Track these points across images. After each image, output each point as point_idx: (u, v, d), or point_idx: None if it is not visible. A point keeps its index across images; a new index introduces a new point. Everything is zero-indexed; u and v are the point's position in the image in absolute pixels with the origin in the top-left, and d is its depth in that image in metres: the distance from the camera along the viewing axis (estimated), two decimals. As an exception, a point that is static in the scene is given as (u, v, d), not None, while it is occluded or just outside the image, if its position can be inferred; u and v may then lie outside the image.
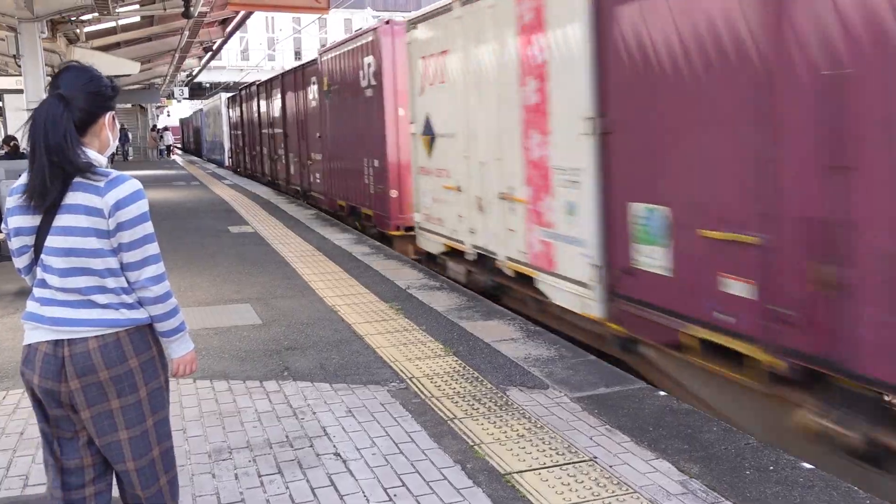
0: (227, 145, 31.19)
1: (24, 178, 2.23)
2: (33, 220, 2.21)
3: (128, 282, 2.26)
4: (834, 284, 3.59)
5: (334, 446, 3.73)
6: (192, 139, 51.66)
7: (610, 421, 3.95)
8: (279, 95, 18.56)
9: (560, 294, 5.83)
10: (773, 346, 3.91)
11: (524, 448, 3.64)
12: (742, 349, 4.11)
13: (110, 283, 2.23)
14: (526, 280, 6.36)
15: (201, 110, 42.47)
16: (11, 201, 2.25)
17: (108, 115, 2.35)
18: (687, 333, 4.50)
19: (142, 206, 2.24)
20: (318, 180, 14.97)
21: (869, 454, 3.58)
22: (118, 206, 2.20)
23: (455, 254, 7.97)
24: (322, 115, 13.87)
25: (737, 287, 4.13)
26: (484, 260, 7.24)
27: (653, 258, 4.78)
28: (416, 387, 4.53)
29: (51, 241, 2.20)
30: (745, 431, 3.90)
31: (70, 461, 2.29)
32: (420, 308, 6.45)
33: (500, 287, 7.12)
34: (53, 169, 2.15)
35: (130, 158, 37.77)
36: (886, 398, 3.52)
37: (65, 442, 2.28)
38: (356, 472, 3.44)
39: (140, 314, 2.28)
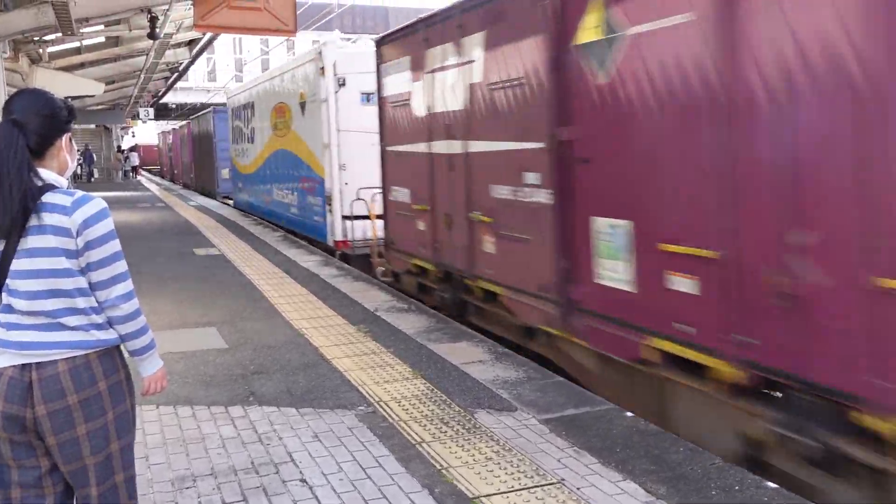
0: (341, 187, 11.05)
1: None
2: None
3: (97, 301, 2.24)
4: None
5: (300, 472, 3.68)
6: (191, 162, 32.18)
7: (578, 442, 3.96)
8: None
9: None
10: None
11: (492, 471, 3.63)
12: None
13: (80, 303, 2.22)
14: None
15: (218, 109, 24.96)
16: None
17: (65, 137, 2.36)
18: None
19: (108, 224, 2.26)
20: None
21: None
22: (86, 224, 2.20)
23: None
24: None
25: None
26: None
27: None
28: (384, 410, 4.50)
29: (17, 264, 2.19)
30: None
31: (29, 490, 2.23)
32: (388, 330, 6.43)
33: None
34: (13, 195, 2.14)
35: (95, 178, 37.18)
36: None
37: (25, 471, 2.22)
38: (323, 499, 3.39)
39: (110, 335, 2.27)
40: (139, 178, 42.09)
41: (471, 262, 6.70)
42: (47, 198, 2.20)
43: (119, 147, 43.94)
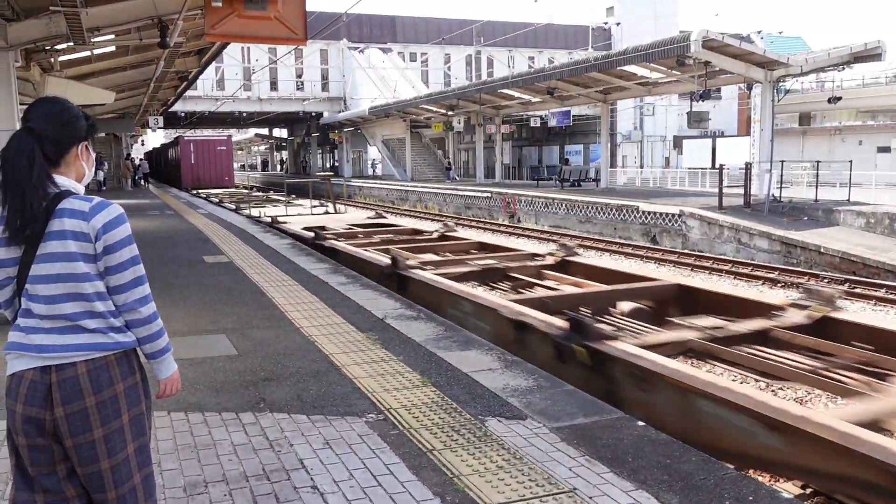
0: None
1: None
2: (16, 252, 2.22)
3: (115, 305, 2.28)
4: None
5: (311, 479, 3.68)
6: None
7: (589, 451, 3.95)
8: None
9: None
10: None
11: (503, 480, 3.62)
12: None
13: (99, 306, 2.26)
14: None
15: None
16: None
17: (81, 146, 2.39)
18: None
19: (126, 229, 2.31)
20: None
21: None
22: (105, 229, 2.24)
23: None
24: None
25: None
26: None
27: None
28: (395, 418, 4.50)
29: (37, 269, 2.22)
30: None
31: (52, 496, 2.25)
32: (397, 338, 6.43)
33: None
34: (27, 202, 2.18)
35: (105, 187, 37.28)
36: None
37: (45, 477, 2.24)
38: (334, 506, 3.39)
39: (127, 338, 2.31)
40: (149, 185, 42.36)
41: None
42: (66, 203, 2.24)
43: (128, 155, 44.19)
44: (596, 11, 56.11)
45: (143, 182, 42.02)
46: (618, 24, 55.03)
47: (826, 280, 14.53)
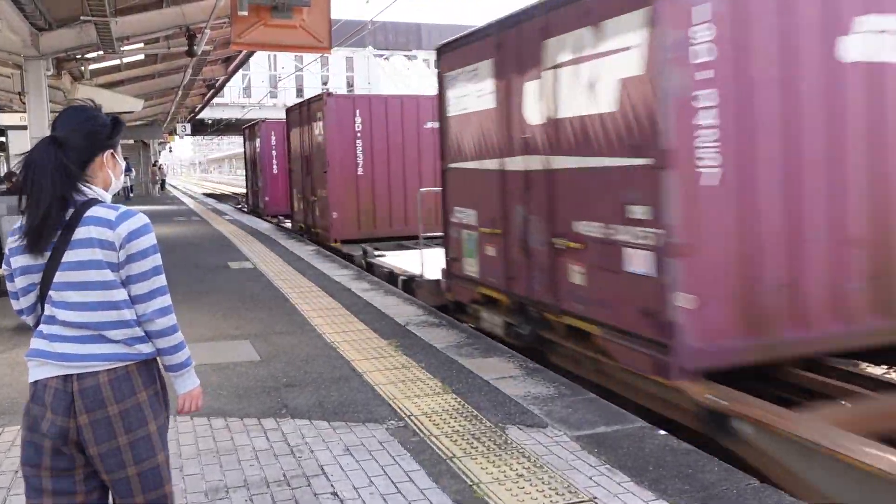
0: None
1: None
2: (41, 258, 2.22)
3: (136, 314, 2.27)
4: None
5: (332, 485, 3.70)
6: None
7: (610, 460, 3.93)
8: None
9: None
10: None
11: (523, 488, 3.61)
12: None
13: (126, 314, 2.24)
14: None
15: None
16: (13, 241, 2.26)
17: (107, 154, 2.36)
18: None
19: (151, 239, 2.29)
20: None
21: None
22: (129, 237, 2.23)
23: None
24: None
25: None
26: None
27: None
28: (415, 425, 4.51)
29: (62, 276, 2.21)
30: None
31: (61, 498, 2.25)
32: (419, 345, 6.44)
33: None
34: (47, 211, 2.17)
35: (132, 195, 37.72)
36: None
37: (60, 480, 2.25)
38: (354, 512, 3.40)
39: (149, 347, 2.29)
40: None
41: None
42: (92, 211, 2.23)
43: (155, 162, 44.79)
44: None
45: (162, 187, 42.60)
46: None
47: None
